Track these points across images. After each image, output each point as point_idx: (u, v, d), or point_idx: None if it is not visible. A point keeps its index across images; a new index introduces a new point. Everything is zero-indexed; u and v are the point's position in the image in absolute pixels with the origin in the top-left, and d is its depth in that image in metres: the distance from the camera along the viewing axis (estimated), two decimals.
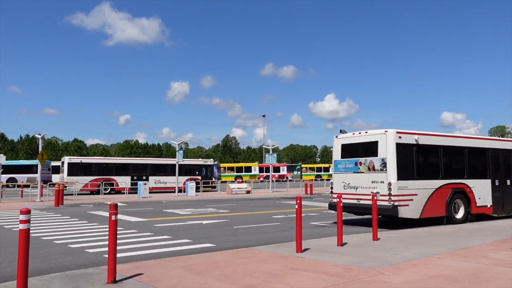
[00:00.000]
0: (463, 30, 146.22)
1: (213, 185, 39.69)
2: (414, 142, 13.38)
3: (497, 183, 15.20)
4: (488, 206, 14.81)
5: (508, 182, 15.61)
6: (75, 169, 33.49)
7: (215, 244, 10.39)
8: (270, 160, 37.61)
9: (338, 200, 9.66)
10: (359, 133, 14.30)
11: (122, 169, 35.32)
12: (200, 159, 48.75)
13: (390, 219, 14.39)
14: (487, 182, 14.94)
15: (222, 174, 63.30)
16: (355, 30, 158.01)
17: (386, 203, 12.63)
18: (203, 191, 36.32)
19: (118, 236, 11.48)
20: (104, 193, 31.84)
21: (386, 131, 13.20)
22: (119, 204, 24.17)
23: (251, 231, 12.91)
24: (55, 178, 45.27)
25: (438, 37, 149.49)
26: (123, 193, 31.90)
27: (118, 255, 8.85)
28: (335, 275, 6.63)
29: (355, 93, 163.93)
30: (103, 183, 32.18)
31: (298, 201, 8.67)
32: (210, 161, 41.44)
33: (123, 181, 33.85)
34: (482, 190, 14.65)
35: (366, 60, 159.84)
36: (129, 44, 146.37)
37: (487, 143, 15.56)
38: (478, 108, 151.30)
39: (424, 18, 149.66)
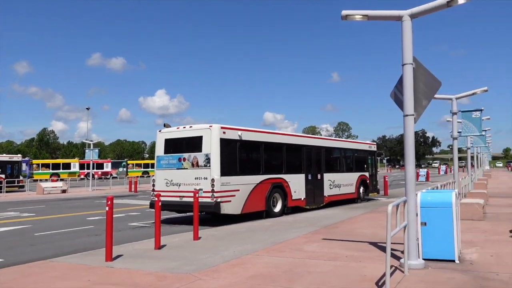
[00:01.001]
0: (286, 44, 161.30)
1: (20, 184, 34.62)
2: (238, 138, 13.38)
3: (309, 177, 16.39)
4: (302, 199, 15.84)
5: (319, 176, 17.01)
6: None
7: (3, 258, 8.47)
8: (91, 156, 34.57)
9: (156, 199, 8.84)
10: (184, 127, 13.71)
11: None
12: (4, 155, 42.01)
13: (213, 215, 14.18)
14: (302, 177, 15.97)
15: (34, 171, 55.95)
16: (191, 30, 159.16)
17: (209, 199, 12.30)
18: (7, 191, 31.29)
19: None
20: None
21: (210, 126, 12.89)
22: None
23: (56, 238, 11.11)
24: None
25: (266, 46, 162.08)
26: None
27: None
28: (147, 286, 5.79)
29: (186, 90, 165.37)
30: None
31: (109, 202, 7.54)
32: (17, 157, 36.03)
33: None
34: (297, 184, 15.57)
35: (198, 60, 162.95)
36: None
37: (302, 140, 16.70)
38: (294, 110, 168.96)
39: (255, 29, 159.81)
